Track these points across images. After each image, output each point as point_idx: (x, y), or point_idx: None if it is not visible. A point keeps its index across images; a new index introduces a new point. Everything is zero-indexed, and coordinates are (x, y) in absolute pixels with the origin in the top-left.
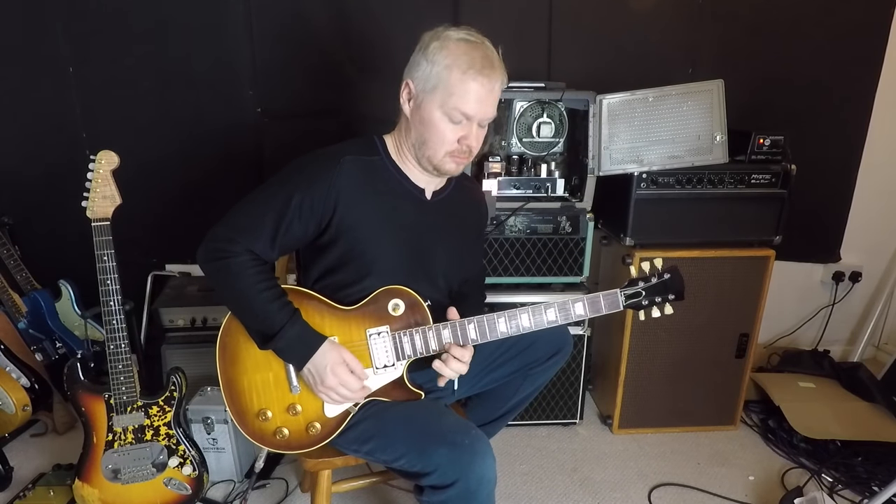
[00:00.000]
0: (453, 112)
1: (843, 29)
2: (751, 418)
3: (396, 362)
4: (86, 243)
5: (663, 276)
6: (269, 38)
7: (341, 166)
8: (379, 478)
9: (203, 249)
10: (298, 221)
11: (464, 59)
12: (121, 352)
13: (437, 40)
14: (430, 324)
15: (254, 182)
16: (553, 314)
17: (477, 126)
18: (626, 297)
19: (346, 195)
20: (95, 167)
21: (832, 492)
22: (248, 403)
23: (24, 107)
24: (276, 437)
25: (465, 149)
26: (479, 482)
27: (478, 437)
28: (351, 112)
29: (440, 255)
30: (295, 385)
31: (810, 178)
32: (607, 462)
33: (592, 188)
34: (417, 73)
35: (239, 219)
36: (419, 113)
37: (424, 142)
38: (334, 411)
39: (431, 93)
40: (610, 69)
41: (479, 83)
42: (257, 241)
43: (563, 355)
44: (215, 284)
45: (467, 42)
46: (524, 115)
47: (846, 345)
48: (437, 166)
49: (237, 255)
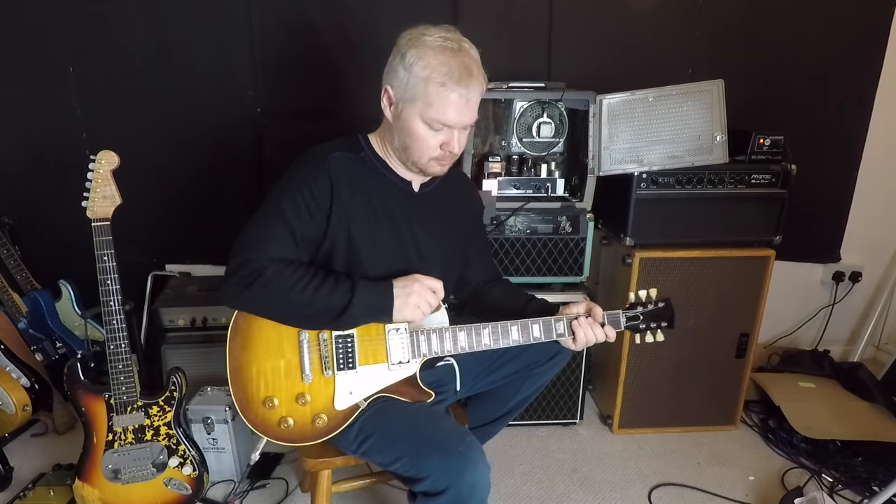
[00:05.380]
0: (433, 122)
1: (844, 29)
2: (751, 418)
3: (412, 359)
4: (86, 243)
5: (658, 305)
6: (270, 38)
7: (330, 162)
8: (379, 478)
9: (228, 286)
10: (311, 219)
11: (441, 71)
12: (121, 352)
13: (414, 48)
14: (447, 325)
15: (254, 181)
16: (562, 327)
17: (459, 130)
18: (626, 319)
19: (339, 189)
20: (95, 167)
21: (832, 492)
22: (255, 390)
23: (24, 107)
24: (280, 426)
25: (447, 154)
26: (472, 490)
27: (472, 445)
28: (352, 112)
29: (434, 247)
30: (308, 373)
31: (810, 178)
32: (607, 462)
33: (592, 188)
34: (395, 80)
35: (251, 241)
36: (400, 121)
37: (407, 147)
38: (344, 404)
39: (411, 102)
40: (610, 69)
41: (457, 94)
42: (280, 247)
43: (564, 357)
44: (263, 310)
45: (444, 49)
46: (524, 115)
47: (846, 345)
48: (423, 169)
49: (265, 269)
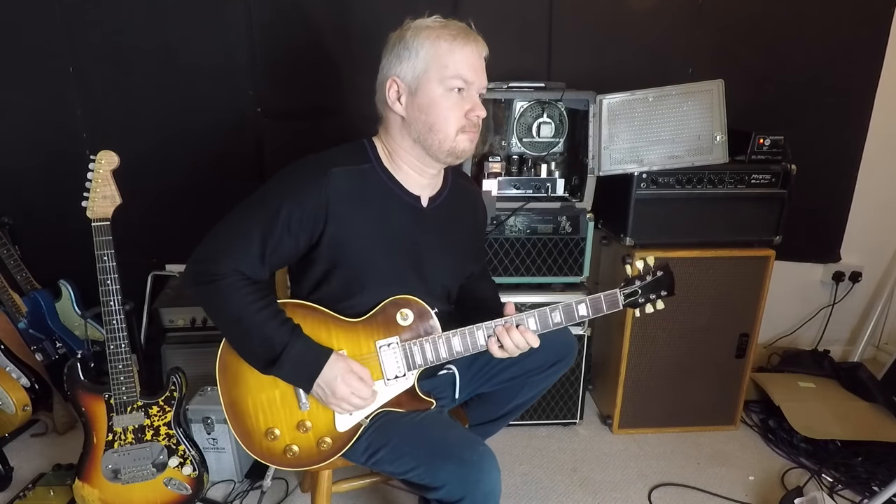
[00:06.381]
0: (454, 80)
1: (844, 28)
2: (751, 418)
3: (407, 372)
4: (86, 243)
5: (656, 274)
6: (270, 37)
7: (329, 178)
8: (379, 478)
9: (189, 272)
10: (288, 236)
11: (445, 32)
12: (121, 352)
13: (413, 30)
14: (439, 332)
15: (254, 181)
16: (558, 316)
17: (477, 96)
18: (624, 297)
19: (337, 208)
20: (95, 167)
21: (832, 492)
22: (255, 424)
23: (24, 107)
24: (286, 455)
25: (474, 120)
26: (486, 498)
27: (485, 453)
28: (352, 112)
29: (438, 264)
30: (304, 402)
31: (810, 178)
32: (607, 462)
33: (592, 188)
34: (401, 66)
35: (223, 238)
36: (416, 101)
37: (431, 127)
38: (346, 425)
39: (425, 74)
40: (610, 69)
41: (469, 48)
42: (244, 259)
43: (566, 364)
44: (206, 309)
45: (442, 24)
46: (524, 115)
47: (846, 345)
48: (452, 149)
49: (225, 277)
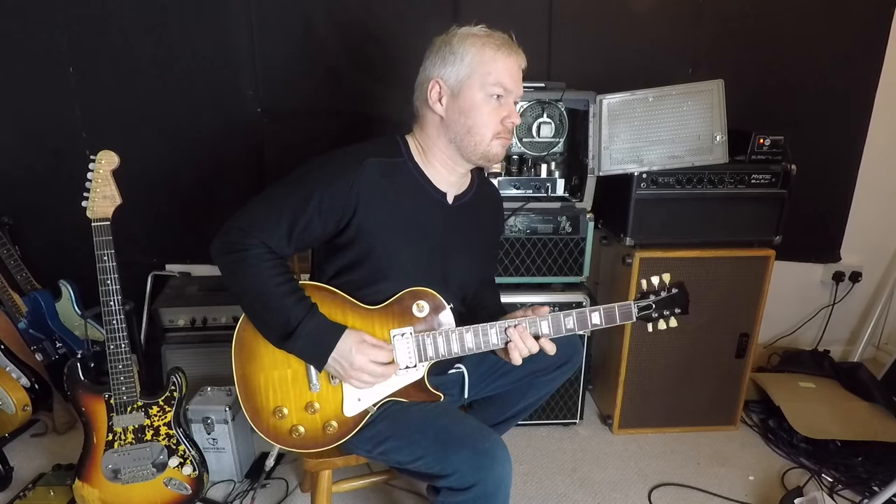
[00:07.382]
0: (495, 87)
1: (844, 29)
2: (751, 418)
3: (419, 364)
4: (86, 243)
5: (671, 291)
6: (270, 38)
7: (364, 167)
8: (379, 478)
9: (218, 242)
10: (318, 219)
11: (490, 41)
12: (121, 352)
13: (460, 37)
14: (453, 327)
15: (254, 182)
16: (571, 322)
17: (513, 104)
18: (639, 310)
19: (368, 196)
20: (95, 167)
21: (832, 492)
22: (264, 401)
23: (24, 107)
24: (291, 435)
25: (509, 126)
26: (498, 486)
27: (498, 443)
28: (352, 112)
29: (458, 261)
30: (314, 383)
31: (810, 178)
32: (607, 462)
33: (592, 188)
34: (446, 68)
35: (257, 213)
36: (457, 104)
37: (469, 129)
38: (353, 410)
39: (468, 78)
40: (610, 69)
41: (512, 59)
42: (273, 235)
43: (571, 366)
44: (229, 278)
45: (485, 31)
46: (524, 115)
47: (846, 345)
48: (485, 153)
49: (252, 248)
